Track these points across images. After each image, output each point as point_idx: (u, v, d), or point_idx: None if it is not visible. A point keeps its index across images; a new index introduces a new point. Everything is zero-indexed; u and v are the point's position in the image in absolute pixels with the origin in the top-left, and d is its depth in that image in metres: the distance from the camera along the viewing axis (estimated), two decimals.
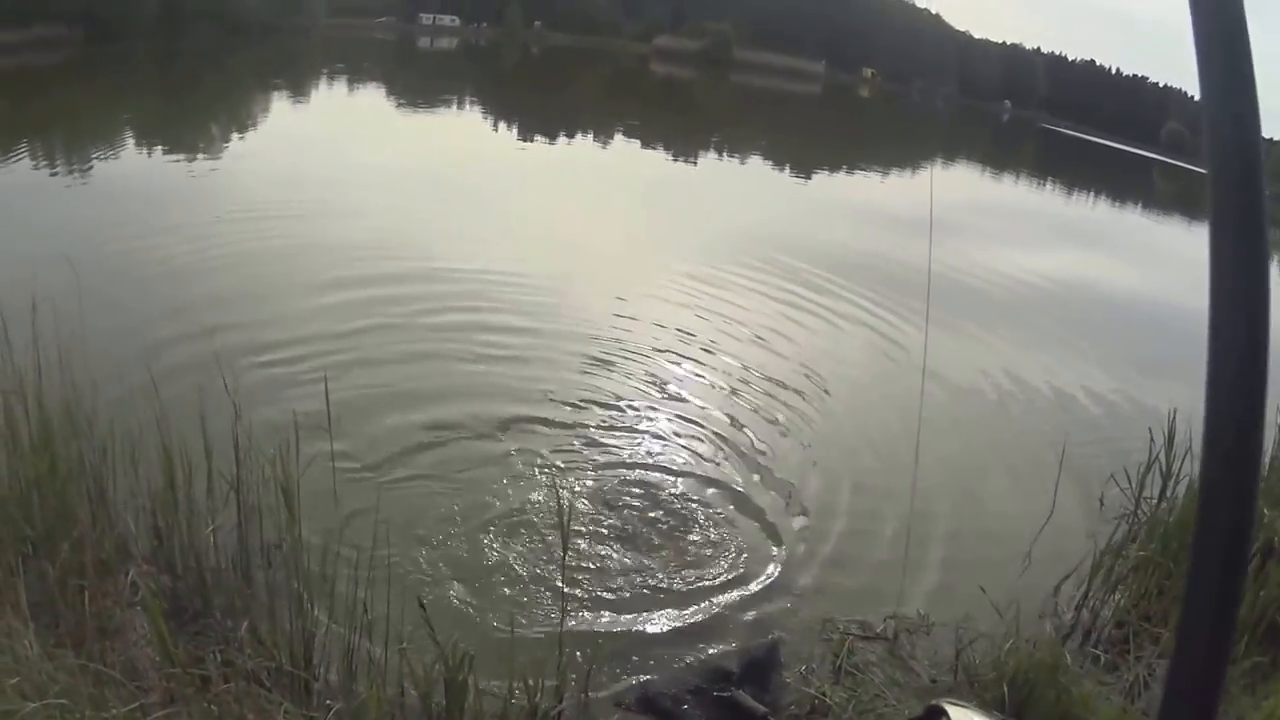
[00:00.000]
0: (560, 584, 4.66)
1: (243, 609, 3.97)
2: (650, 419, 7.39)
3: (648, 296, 10.48)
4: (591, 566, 5.13)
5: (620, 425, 7.13)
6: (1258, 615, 4.80)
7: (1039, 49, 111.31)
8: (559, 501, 4.74)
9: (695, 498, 6.11)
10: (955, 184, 36.15)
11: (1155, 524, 5.95)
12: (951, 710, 1.56)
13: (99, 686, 3.00)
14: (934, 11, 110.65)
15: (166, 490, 4.21)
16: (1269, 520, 5.63)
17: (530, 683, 3.58)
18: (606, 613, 4.76)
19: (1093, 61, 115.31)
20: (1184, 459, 6.46)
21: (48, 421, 4.24)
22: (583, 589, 4.91)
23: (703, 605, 4.95)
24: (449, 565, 4.95)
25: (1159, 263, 22.52)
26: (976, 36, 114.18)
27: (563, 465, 6.32)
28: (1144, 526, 6.20)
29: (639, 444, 6.90)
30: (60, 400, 4.32)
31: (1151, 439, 6.58)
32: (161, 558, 4.23)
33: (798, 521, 6.02)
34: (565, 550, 3.62)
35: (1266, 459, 6.29)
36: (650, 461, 6.63)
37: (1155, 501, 6.40)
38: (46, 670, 2.95)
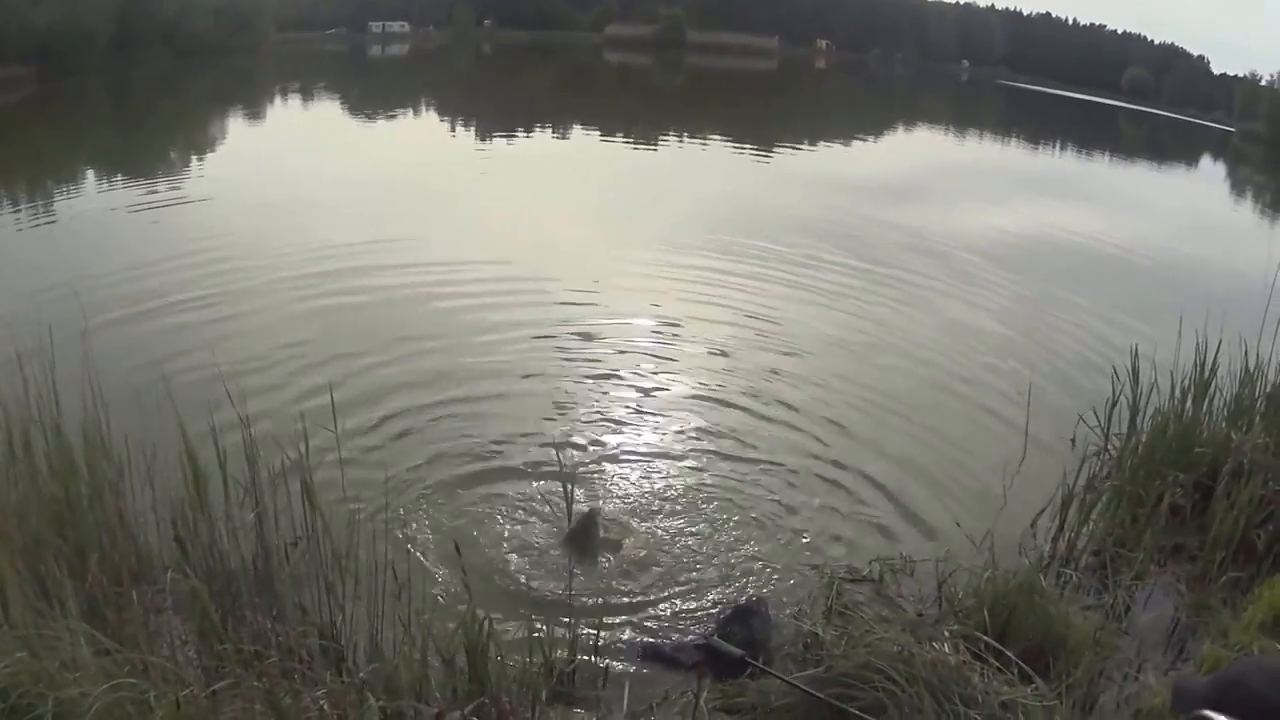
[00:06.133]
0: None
1: (267, 603, 4.21)
2: (631, 388, 7.84)
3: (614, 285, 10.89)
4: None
5: (612, 400, 7.52)
6: (1230, 532, 5.11)
7: (993, 5, 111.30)
8: (564, 472, 5.00)
9: (687, 464, 6.44)
10: (919, 147, 36.53)
11: (1125, 456, 6.24)
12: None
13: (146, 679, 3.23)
14: None
15: (186, 500, 4.44)
16: (1237, 443, 5.93)
17: (546, 642, 3.85)
18: (613, 575, 5.06)
19: (1049, 14, 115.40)
20: (1149, 394, 6.76)
21: (67, 446, 4.46)
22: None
23: (699, 562, 5.25)
24: (463, 540, 5.19)
25: (1123, 208, 22.90)
26: None
27: (564, 435, 6.68)
28: (1114, 460, 6.50)
29: (626, 413, 7.29)
30: (77, 424, 4.53)
31: (1116, 376, 6.88)
32: (184, 564, 4.44)
33: (786, 477, 6.32)
34: (570, 519, 3.84)
35: (1229, 384, 6.58)
36: (634, 425, 7.05)
37: (1124, 435, 6.69)
38: (99, 665, 3.18)
